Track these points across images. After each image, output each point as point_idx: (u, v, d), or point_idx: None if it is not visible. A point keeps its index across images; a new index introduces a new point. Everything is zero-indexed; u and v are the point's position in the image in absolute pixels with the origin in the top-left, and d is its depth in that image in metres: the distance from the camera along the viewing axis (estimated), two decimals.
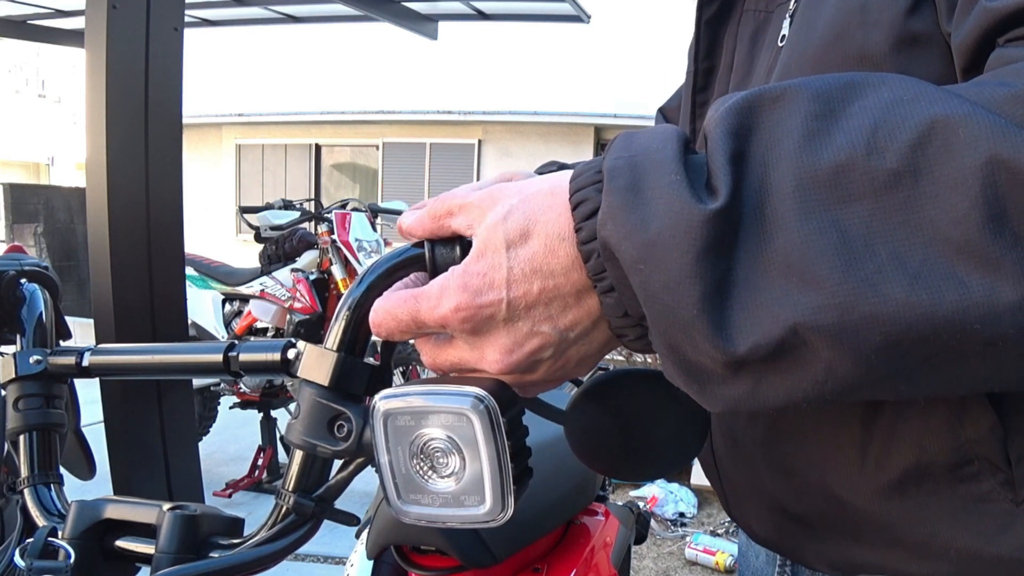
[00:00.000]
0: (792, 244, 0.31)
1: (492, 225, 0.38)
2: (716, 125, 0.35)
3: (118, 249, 1.66)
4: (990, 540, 0.47)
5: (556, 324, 0.39)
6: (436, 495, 0.39)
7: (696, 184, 0.34)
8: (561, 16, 4.50)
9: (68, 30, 4.98)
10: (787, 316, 0.31)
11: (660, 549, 3.01)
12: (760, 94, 0.35)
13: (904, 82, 0.33)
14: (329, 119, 11.08)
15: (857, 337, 0.30)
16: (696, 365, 0.35)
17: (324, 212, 3.45)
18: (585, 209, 0.36)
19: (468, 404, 0.37)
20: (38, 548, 0.50)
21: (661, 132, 0.37)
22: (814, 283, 0.31)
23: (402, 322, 0.40)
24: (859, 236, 0.30)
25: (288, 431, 0.44)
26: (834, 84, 0.34)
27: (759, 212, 0.32)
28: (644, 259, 0.33)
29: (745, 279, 0.32)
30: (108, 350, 0.58)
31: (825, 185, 0.31)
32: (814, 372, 0.32)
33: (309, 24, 5.02)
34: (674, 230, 0.33)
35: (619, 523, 1.22)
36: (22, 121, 20.71)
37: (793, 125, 0.33)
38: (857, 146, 0.31)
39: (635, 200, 0.34)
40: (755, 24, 0.59)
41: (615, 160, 0.36)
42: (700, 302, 0.32)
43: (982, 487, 0.47)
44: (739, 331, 0.32)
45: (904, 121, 0.31)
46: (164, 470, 1.79)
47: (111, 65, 1.60)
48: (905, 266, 0.30)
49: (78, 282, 7.58)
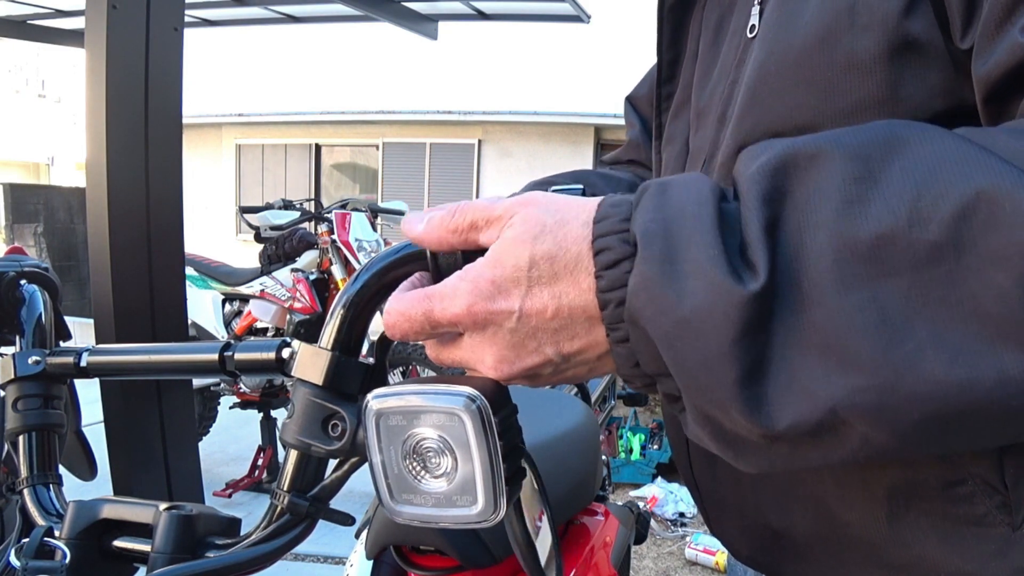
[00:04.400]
0: (831, 322, 0.30)
1: (519, 239, 0.37)
2: (749, 188, 0.34)
3: (118, 249, 1.66)
4: (983, 566, 0.46)
5: (560, 349, 0.38)
6: (429, 495, 0.39)
7: (732, 255, 0.32)
8: (561, 16, 4.50)
9: (68, 30, 4.98)
10: (826, 398, 0.31)
11: (660, 549, 3.01)
12: (794, 152, 0.33)
13: (945, 139, 0.31)
14: (329, 119, 11.07)
15: (896, 415, 0.30)
16: (732, 434, 0.34)
17: (324, 212, 3.45)
18: (607, 258, 0.35)
19: (460, 404, 0.37)
20: (34, 548, 0.50)
21: (696, 190, 0.35)
22: (853, 363, 0.30)
23: (416, 322, 0.39)
24: (898, 312, 0.30)
25: (283, 430, 0.44)
26: (872, 140, 0.32)
27: (796, 285, 0.31)
28: (679, 336, 0.33)
29: (782, 357, 0.32)
30: (105, 350, 0.58)
31: (865, 258, 0.30)
32: (851, 444, 0.32)
33: (309, 24, 5.02)
34: (712, 311, 0.32)
35: (619, 523, 1.22)
36: (22, 121, 20.71)
37: (831, 189, 0.32)
38: (899, 216, 0.30)
39: (671, 272, 0.33)
40: (720, 11, 0.56)
41: (649, 224, 0.34)
42: (737, 383, 0.32)
43: (977, 509, 0.45)
44: (776, 410, 0.32)
45: (948, 189, 0.29)
46: (164, 470, 1.79)
47: (111, 65, 1.60)
48: (944, 343, 0.29)
49: (78, 282, 7.59)
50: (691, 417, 0.36)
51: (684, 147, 0.59)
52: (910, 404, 0.30)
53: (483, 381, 0.39)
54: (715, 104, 0.53)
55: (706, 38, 0.57)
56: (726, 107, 0.52)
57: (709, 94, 0.55)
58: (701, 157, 0.55)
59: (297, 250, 3.42)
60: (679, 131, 0.60)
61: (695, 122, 0.57)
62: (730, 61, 0.53)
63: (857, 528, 0.49)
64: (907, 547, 0.48)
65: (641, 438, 3.69)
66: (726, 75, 0.53)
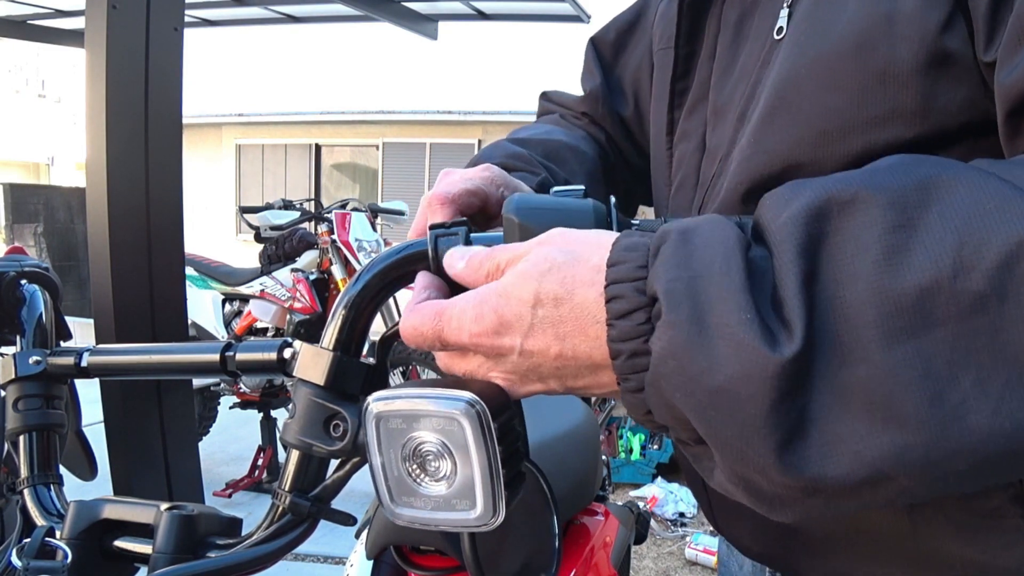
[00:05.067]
0: (875, 378, 0.29)
1: (526, 273, 0.37)
2: (783, 239, 0.32)
3: (118, 249, 1.66)
4: (996, 556, 0.46)
5: (564, 383, 0.39)
6: (428, 498, 0.39)
7: (765, 314, 0.31)
8: (561, 16, 4.50)
9: (68, 30, 4.98)
10: (872, 458, 0.30)
11: (660, 549, 3.01)
12: (828, 198, 0.32)
13: (980, 181, 0.31)
14: (329, 119, 11.07)
15: (940, 468, 0.30)
16: (769, 493, 0.33)
17: (324, 212, 3.45)
18: (619, 307, 0.34)
19: (460, 409, 0.37)
20: (35, 548, 0.50)
21: (722, 241, 0.33)
22: (900, 420, 0.29)
23: (427, 339, 0.40)
24: (943, 364, 0.29)
25: (284, 431, 0.44)
26: (906, 184, 0.31)
27: (837, 341, 0.30)
28: (713, 406, 0.32)
29: (824, 417, 0.31)
30: (106, 350, 0.58)
31: (909, 310, 0.29)
32: (890, 495, 0.32)
33: (309, 24, 5.02)
34: (748, 380, 0.30)
35: (619, 523, 1.22)
36: (22, 121, 20.71)
37: (870, 239, 0.31)
38: (942, 266, 0.29)
39: (700, 339, 0.31)
40: (741, 9, 0.55)
41: (672, 283, 0.33)
42: (777, 449, 0.31)
43: (991, 502, 0.46)
44: (819, 469, 0.31)
45: (990, 236, 0.29)
46: (164, 470, 1.79)
47: (111, 65, 1.60)
48: (988, 393, 0.29)
49: (78, 282, 7.58)
50: (725, 477, 0.35)
51: (700, 144, 0.58)
52: (956, 457, 0.29)
53: (484, 385, 0.39)
54: (735, 103, 0.53)
55: (725, 36, 0.57)
56: (747, 106, 0.51)
57: (729, 93, 0.55)
58: (718, 154, 0.54)
59: (297, 250, 3.42)
60: (694, 128, 0.59)
61: (712, 120, 0.57)
62: (753, 61, 0.52)
63: (875, 523, 0.50)
64: (924, 540, 0.48)
65: (641, 438, 3.69)
66: (748, 75, 0.52)
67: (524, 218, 0.42)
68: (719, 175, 0.53)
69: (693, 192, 0.58)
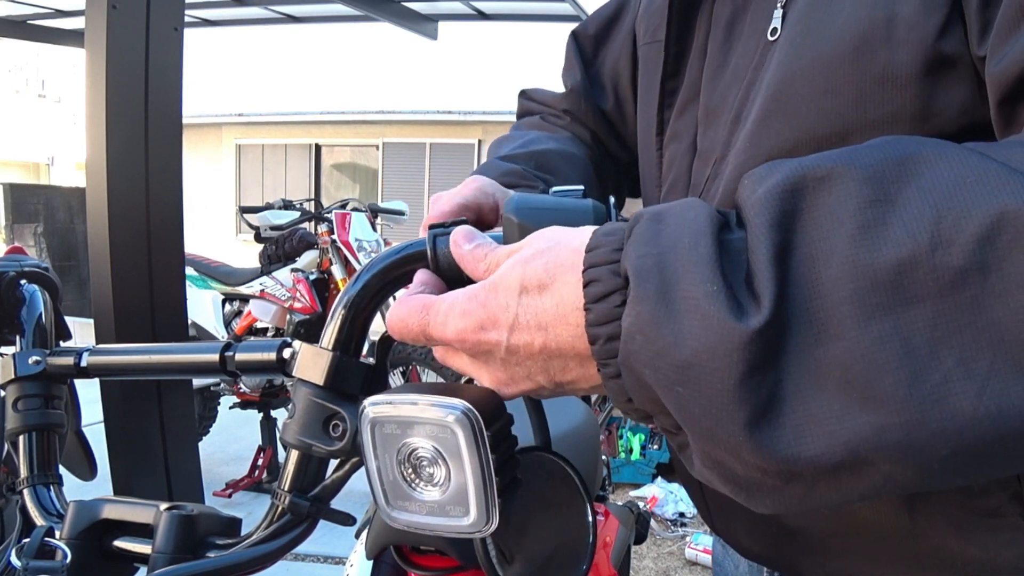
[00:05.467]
0: (851, 356, 0.28)
1: (512, 263, 0.37)
2: (757, 213, 0.32)
3: (118, 249, 1.66)
4: (996, 553, 0.46)
5: (552, 378, 0.38)
6: (423, 503, 0.39)
7: (736, 287, 0.30)
8: (561, 16, 4.50)
9: (68, 30, 4.99)
10: (848, 438, 0.29)
11: (660, 549, 3.01)
12: (803, 174, 0.31)
13: (961, 156, 0.30)
14: (329, 119, 11.07)
15: (922, 452, 0.29)
16: (745, 478, 0.32)
17: (324, 212, 3.45)
18: (596, 291, 0.34)
19: (453, 417, 0.37)
20: (34, 548, 0.50)
21: (693, 220, 0.33)
22: (877, 400, 0.28)
23: (413, 332, 0.40)
24: (923, 342, 0.28)
25: (284, 431, 0.44)
26: (885, 160, 0.31)
27: (809, 316, 0.29)
28: (680, 382, 0.31)
29: (797, 393, 0.30)
30: (106, 350, 0.58)
31: (886, 286, 0.28)
32: (872, 482, 0.30)
33: (309, 24, 5.02)
34: (713, 352, 0.30)
35: (619, 523, 1.22)
36: (22, 121, 20.71)
37: (845, 213, 0.30)
38: (920, 240, 0.28)
39: (667, 312, 0.31)
40: (732, 9, 0.54)
41: (641, 259, 0.32)
42: (747, 426, 0.30)
43: (991, 502, 0.45)
44: (793, 449, 0.30)
45: (970, 210, 0.28)
46: (164, 470, 1.79)
47: (111, 65, 1.60)
48: (972, 374, 0.27)
49: (78, 282, 7.58)
50: (698, 461, 0.34)
51: (692, 145, 0.58)
52: (938, 440, 0.28)
53: (479, 392, 0.39)
54: (729, 105, 0.52)
55: (716, 36, 0.56)
56: (741, 109, 0.51)
57: (722, 94, 0.54)
58: (711, 157, 0.54)
59: (297, 250, 3.42)
60: (685, 129, 0.59)
61: (704, 121, 0.56)
62: (747, 62, 0.51)
63: (875, 523, 0.50)
64: (924, 539, 0.48)
65: (641, 438, 3.69)
66: (741, 76, 0.51)
67: (524, 218, 0.42)
68: (714, 178, 0.53)
69: (685, 193, 0.58)
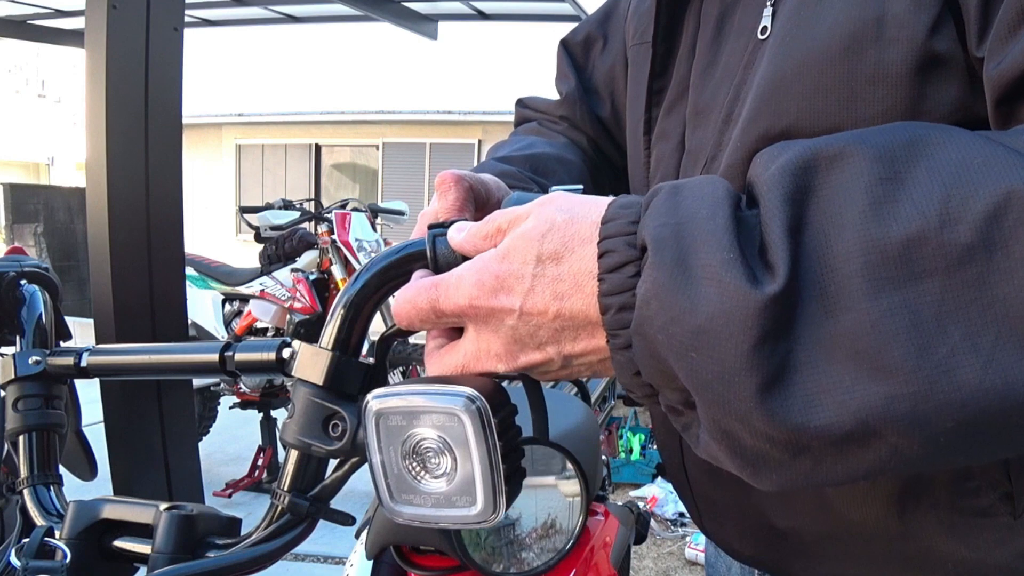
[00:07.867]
0: (861, 327, 0.29)
1: (527, 234, 0.37)
2: (770, 188, 0.32)
3: (118, 249, 1.66)
4: (988, 553, 0.46)
5: (562, 350, 0.38)
6: (428, 495, 0.39)
7: (750, 258, 0.31)
8: (561, 16, 4.51)
9: (68, 30, 4.99)
10: (857, 407, 0.29)
11: (660, 549, 3.01)
12: (816, 152, 0.32)
13: (969, 140, 0.31)
14: (329, 119, 11.08)
15: (929, 424, 0.29)
16: (752, 450, 0.33)
17: (324, 212, 3.46)
18: (610, 261, 0.34)
19: (459, 404, 0.37)
20: (34, 548, 0.50)
21: (711, 193, 0.34)
22: (886, 371, 0.29)
23: (422, 310, 0.40)
24: (931, 316, 0.29)
25: (283, 431, 0.44)
26: (895, 141, 0.32)
27: (821, 289, 0.30)
28: (694, 347, 0.31)
29: (808, 363, 0.30)
30: (105, 350, 0.58)
31: (896, 260, 0.29)
32: (879, 455, 0.31)
33: (309, 24, 5.03)
34: (728, 318, 0.30)
35: (619, 523, 1.22)
36: (22, 121, 20.71)
37: (857, 190, 0.31)
38: (929, 217, 0.29)
39: (683, 279, 0.32)
40: (721, 7, 0.54)
41: (659, 228, 0.33)
42: (758, 393, 0.30)
43: (982, 502, 0.46)
44: (803, 417, 0.30)
45: (977, 189, 0.29)
46: (164, 470, 1.79)
47: (111, 65, 1.61)
48: (978, 348, 0.28)
49: (78, 282, 7.58)
50: (708, 432, 0.34)
51: (680, 145, 0.58)
52: (944, 412, 0.29)
53: (483, 381, 0.39)
54: (718, 104, 0.52)
55: (705, 34, 0.56)
56: (732, 108, 0.50)
57: (711, 93, 0.54)
58: (701, 157, 0.54)
59: (297, 250, 3.43)
60: (673, 128, 0.58)
61: (692, 120, 0.56)
62: (736, 61, 0.51)
63: (866, 525, 0.50)
64: (915, 540, 0.48)
65: (641, 438, 3.69)
66: (731, 75, 0.51)
67: None
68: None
69: None
